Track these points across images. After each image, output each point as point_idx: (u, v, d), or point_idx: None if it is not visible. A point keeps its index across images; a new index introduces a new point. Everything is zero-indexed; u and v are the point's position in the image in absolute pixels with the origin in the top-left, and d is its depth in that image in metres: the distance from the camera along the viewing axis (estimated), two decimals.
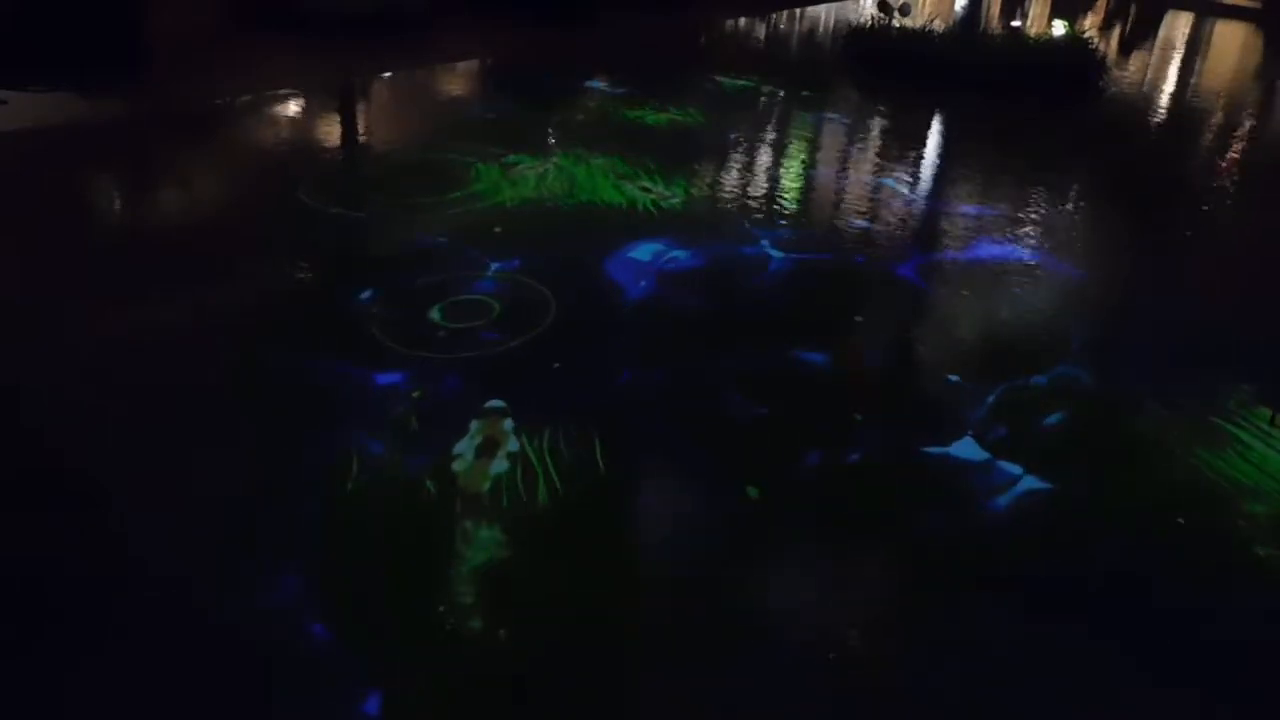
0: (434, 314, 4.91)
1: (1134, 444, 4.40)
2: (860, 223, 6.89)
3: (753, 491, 3.79)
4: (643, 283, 5.49)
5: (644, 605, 3.24)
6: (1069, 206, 7.69)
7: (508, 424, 4.02)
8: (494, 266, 5.48)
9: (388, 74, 9.90)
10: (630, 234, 6.12)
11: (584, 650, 3.03)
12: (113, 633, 2.94)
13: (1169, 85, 13.03)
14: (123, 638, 2.92)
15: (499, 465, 3.79)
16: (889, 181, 7.85)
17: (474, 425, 4.00)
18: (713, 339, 4.99)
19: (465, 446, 3.89)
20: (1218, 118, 11.24)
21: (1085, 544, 3.69)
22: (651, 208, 6.63)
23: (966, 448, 4.16)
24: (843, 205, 7.30)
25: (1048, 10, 18.00)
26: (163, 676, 2.81)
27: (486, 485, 3.68)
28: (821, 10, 16.15)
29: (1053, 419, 4.50)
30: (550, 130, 8.38)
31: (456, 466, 3.77)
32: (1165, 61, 14.74)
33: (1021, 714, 2.95)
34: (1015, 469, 4.04)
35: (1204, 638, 3.28)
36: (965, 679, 3.02)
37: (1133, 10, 18.85)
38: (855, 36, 12.09)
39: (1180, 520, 3.85)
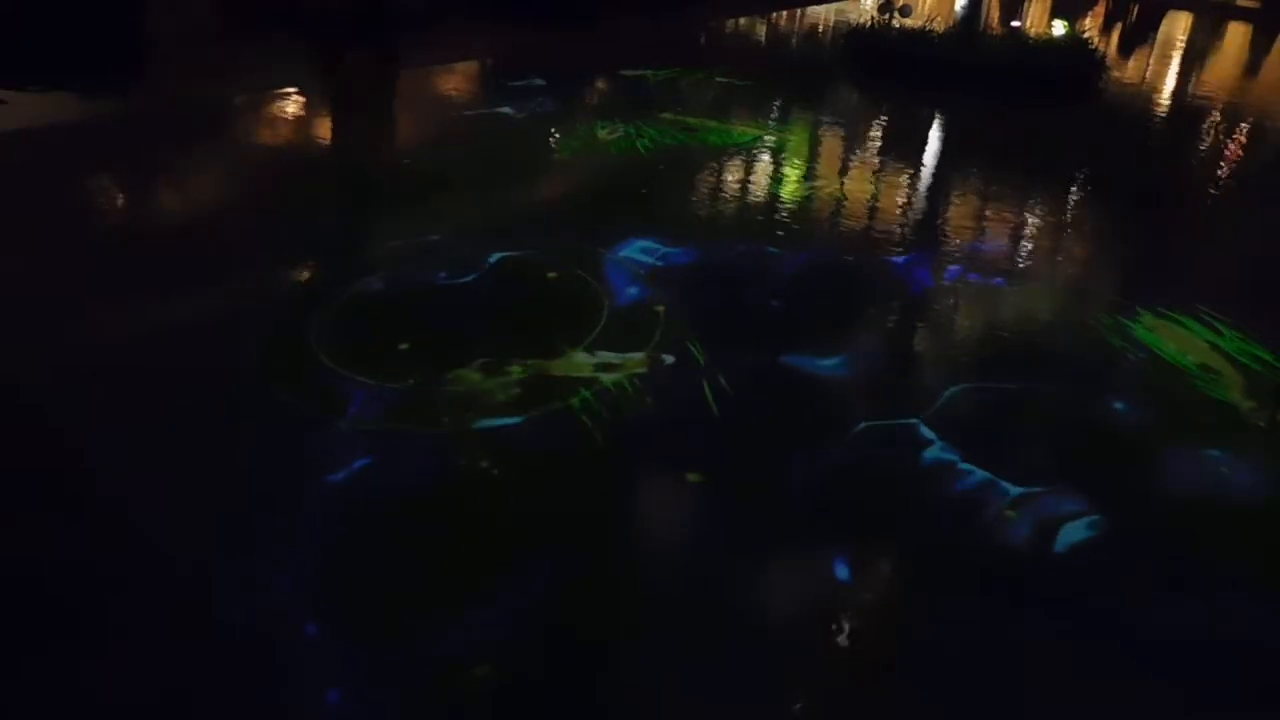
0: None
1: (1125, 444, 4.42)
2: (856, 222, 6.90)
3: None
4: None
5: (639, 603, 3.24)
6: (1065, 206, 7.70)
7: None
8: None
9: (391, 74, 9.89)
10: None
11: (580, 648, 3.04)
12: (113, 632, 2.94)
13: (1168, 85, 13.04)
14: (123, 637, 2.93)
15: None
16: (883, 181, 7.86)
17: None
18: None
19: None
20: (1216, 118, 11.24)
21: (1080, 544, 3.70)
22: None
23: (959, 448, 4.17)
24: (835, 203, 7.31)
25: (1048, 10, 18.00)
26: (164, 675, 2.81)
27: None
28: (821, 10, 16.14)
29: (1045, 418, 4.52)
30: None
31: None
32: (1165, 61, 14.74)
33: (1017, 712, 2.95)
34: (1007, 471, 4.05)
35: (1199, 638, 3.29)
36: (961, 678, 3.02)
37: (1133, 10, 18.85)
38: (855, 36, 12.09)
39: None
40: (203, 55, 9.26)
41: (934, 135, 9.74)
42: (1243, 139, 10.26)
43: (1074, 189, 8.16)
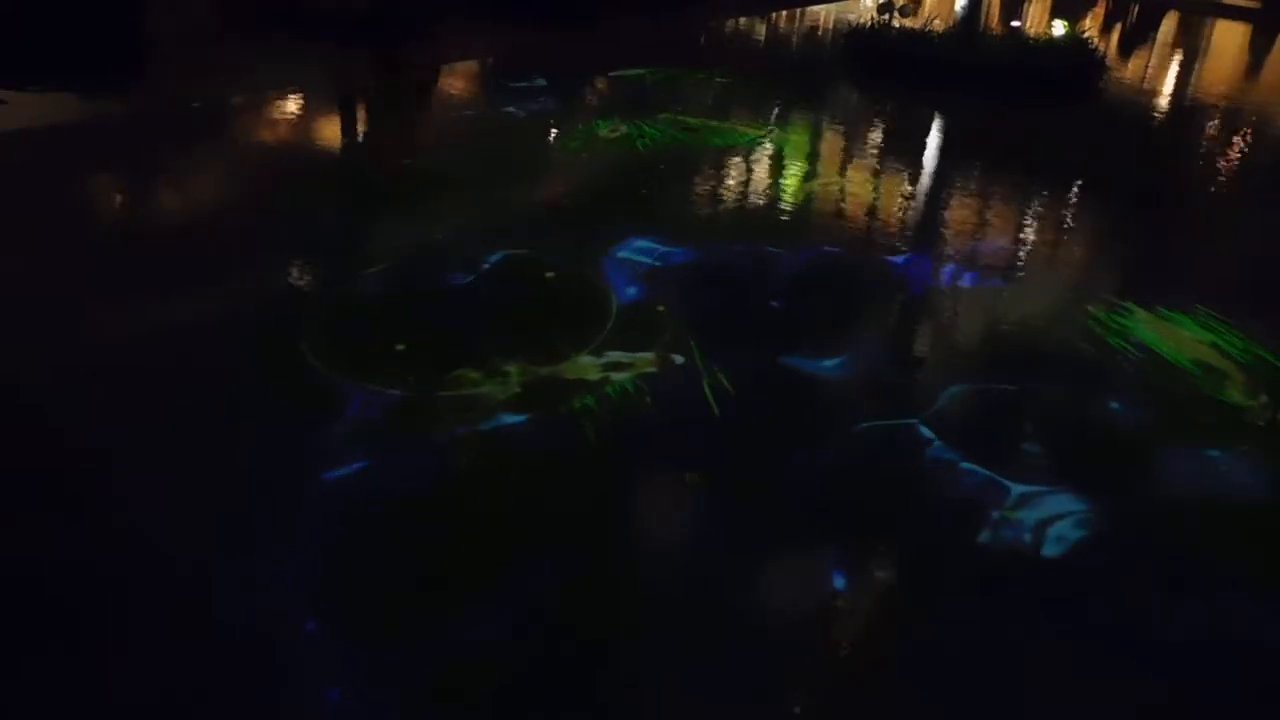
0: None
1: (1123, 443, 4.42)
2: (856, 222, 6.90)
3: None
4: None
5: (639, 603, 3.24)
6: (1065, 206, 7.69)
7: None
8: None
9: (394, 74, 9.90)
10: None
11: (580, 648, 3.04)
12: (113, 632, 2.94)
13: (1168, 86, 13.03)
14: (123, 637, 2.93)
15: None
16: (883, 181, 7.86)
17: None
18: None
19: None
20: (1216, 118, 11.24)
21: (1080, 544, 3.70)
22: None
23: (959, 448, 4.17)
24: (834, 203, 7.30)
25: (1048, 10, 17.99)
26: (164, 675, 2.81)
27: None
28: (821, 10, 16.13)
29: (1045, 418, 4.52)
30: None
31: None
32: (1165, 62, 14.74)
33: (1017, 712, 2.95)
34: (1007, 471, 4.05)
35: (1199, 638, 3.29)
36: (961, 678, 3.03)
37: (1133, 10, 18.84)
38: (855, 36, 12.08)
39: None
40: (203, 55, 9.26)
41: (934, 135, 9.74)
42: (1242, 139, 10.26)
43: (1074, 189, 8.15)
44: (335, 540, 3.38)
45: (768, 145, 8.43)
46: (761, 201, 7.17)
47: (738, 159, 8.02)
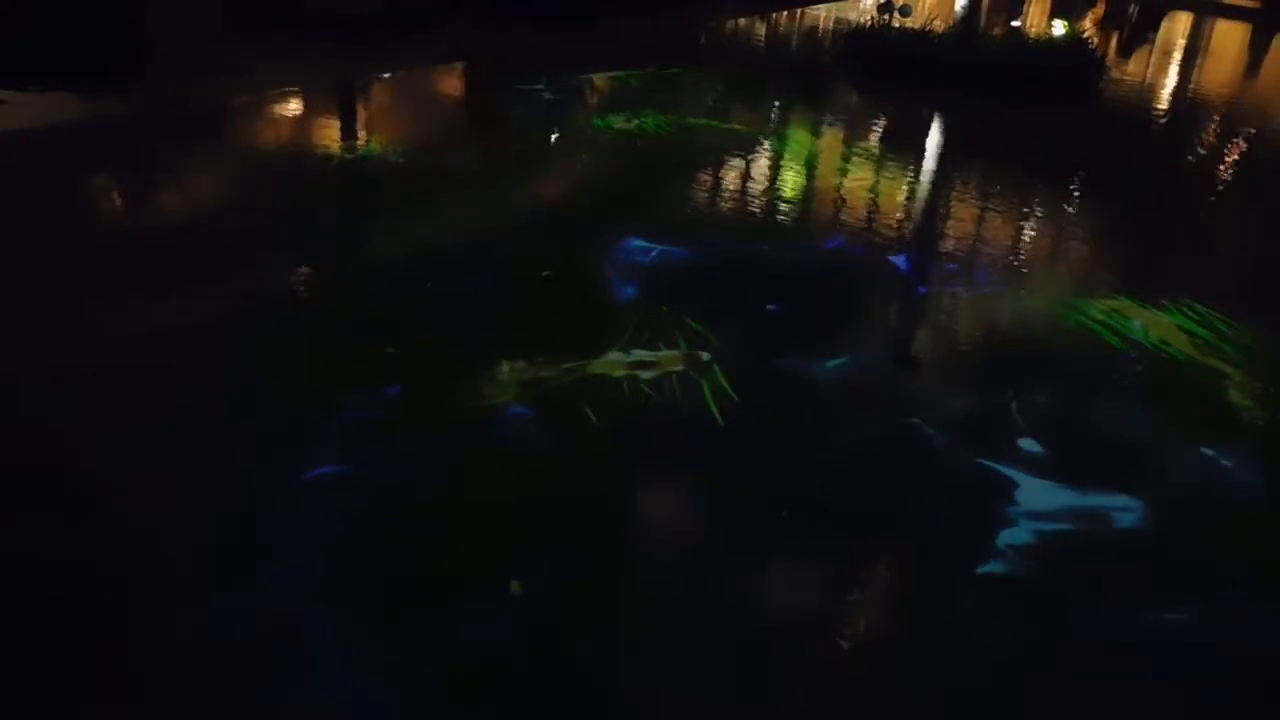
0: None
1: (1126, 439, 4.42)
2: (856, 222, 6.90)
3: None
4: None
5: (639, 603, 3.24)
6: (1064, 206, 7.70)
7: None
8: None
9: (392, 74, 9.90)
10: None
11: (580, 648, 3.04)
12: (113, 632, 2.94)
13: (1168, 86, 13.03)
14: (123, 637, 2.92)
15: None
16: (882, 181, 7.86)
17: None
18: None
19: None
20: (1214, 118, 11.24)
21: (1080, 543, 3.70)
22: None
23: (960, 447, 4.17)
24: (834, 203, 7.30)
25: (1047, 10, 17.99)
26: (164, 675, 2.81)
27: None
28: (821, 10, 16.13)
29: (1044, 417, 4.52)
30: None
31: None
32: (1165, 62, 14.74)
33: (1017, 712, 2.95)
34: (1007, 470, 4.05)
35: (1199, 638, 3.29)
36: (961, 678, 3.03)
37: (1133, 10, 18.84)
38: (855, 37, 12.09)
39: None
40: (203, 55, 9.26)
41: (934, 135, 9.74)
42: (1241, 139, 10.26)
43: (1073, 189, 8.16)
44: (335, 540, 3.38)
45: (767, 145, 8.43)
46: (761, 201, 7.17)
47: (737, 158, 8.02)
